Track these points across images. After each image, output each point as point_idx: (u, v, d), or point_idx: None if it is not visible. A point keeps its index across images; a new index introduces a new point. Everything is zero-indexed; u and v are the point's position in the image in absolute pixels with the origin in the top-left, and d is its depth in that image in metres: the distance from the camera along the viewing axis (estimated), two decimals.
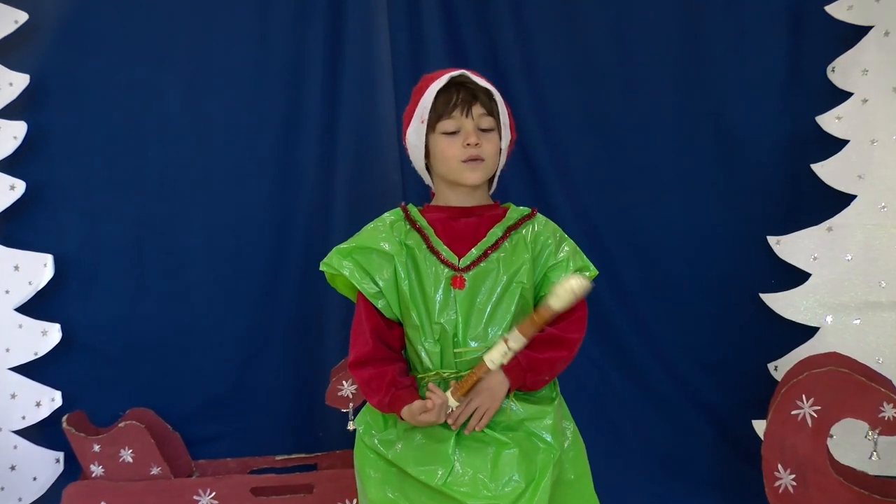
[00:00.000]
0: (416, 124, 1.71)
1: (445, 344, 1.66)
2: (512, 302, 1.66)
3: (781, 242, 2.75)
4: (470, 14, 2.85)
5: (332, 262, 1.72)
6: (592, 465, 1.77)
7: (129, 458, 2.47)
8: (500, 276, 1.67)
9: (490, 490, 1.56)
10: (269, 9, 2.83)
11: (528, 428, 1.65)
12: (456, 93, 1.67)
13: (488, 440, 1.63)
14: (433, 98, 1.67)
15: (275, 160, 2.88)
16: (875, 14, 2.64)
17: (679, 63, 2.86)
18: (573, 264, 1.71)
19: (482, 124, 1.68)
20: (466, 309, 1.65)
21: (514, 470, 1.59)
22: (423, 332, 1.67)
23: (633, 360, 2.94)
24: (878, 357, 2.62)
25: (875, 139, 2.66)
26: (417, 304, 1.67)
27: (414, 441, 1.64)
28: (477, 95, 1.67)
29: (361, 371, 1.68)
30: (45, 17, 2.76)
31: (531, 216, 1.76)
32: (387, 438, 1.67)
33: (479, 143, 1.67)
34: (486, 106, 1.68)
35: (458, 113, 1.67)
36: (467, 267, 1.68)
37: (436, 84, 1.67)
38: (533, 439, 1.63)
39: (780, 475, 2.28)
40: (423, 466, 1.60)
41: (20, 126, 2.70)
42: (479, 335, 1.66)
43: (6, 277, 2.71)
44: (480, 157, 1.68)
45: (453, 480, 1.58)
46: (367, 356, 1.68)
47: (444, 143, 1.68)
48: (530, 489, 1.57)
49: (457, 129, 1.67)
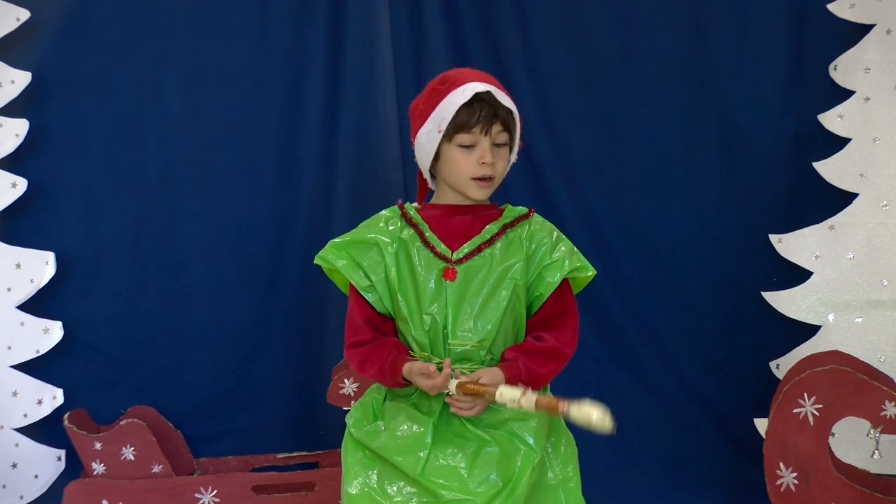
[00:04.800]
0: (430, 129, 1.68)
1: (435, 335, 1.66)
2: (503, 298, 1.66)
3: (783, 241, 2.75)
4: (472, 13, 2.84)
5: (327, 256, 1.72)
6: (594, 463, 1.77)
7: (131, 456, 2.48)
8: (493, 271, 1.67)
9: (466, 485, 1.56)
10: (270, 6, 2.83)
11: (511, 428, 1.64)
12: (479, 109, 1.64)
13: (470, 436, 1.63)
14: (455, 111, 1.65)
15: (275, 158, 2.88)
16: (877, 12, 2.64)
17: (682, 61, 2.86)
18: (569, 264, 1.70)
19: (498, 140, 1.68)
20: (457, 301, 1.65)
21: (493, 469, 1.59)
22: (412, 323, 1.67)
23: (635, 358, 2.94)
24: (880, 355, 2.62)
25: (877, 137, 2.66)
26: (407, 295, 1.67)
27: (396, 431, 1.64)
28: (498, 113, 1.66)
29: (358, 349, 1.70)
30: (47, 15, 2.75)
31: (528, 216, 1.75)
32: (373, 430, 1.68)
33: (494, 161, 1.66)
34: (504, 123, 1.67)
35: (477, 130, 1.65)
36: (460, 260, 1.68)
37: (459, 96, 1.64)
38: (515, 440, 1.63)
39: (781, 473, 2.28)
40: (402, 456, 1.60)
41: (22, 124, 2.70)
42: (469, 328, 1.65)
43: (8, 275, 2.71)
44: (492, 177, 1.68)
45: (431, 471, 1.58)
46: (363, 341, 1.69)
47: (457, 155, 1.67)
48: (507, 490, 1.56)
49: (472, 143, 1.66)
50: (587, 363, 2.89)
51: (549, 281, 1.68)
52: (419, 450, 1.60)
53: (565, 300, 1.72)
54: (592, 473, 1.80)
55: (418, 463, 1.58)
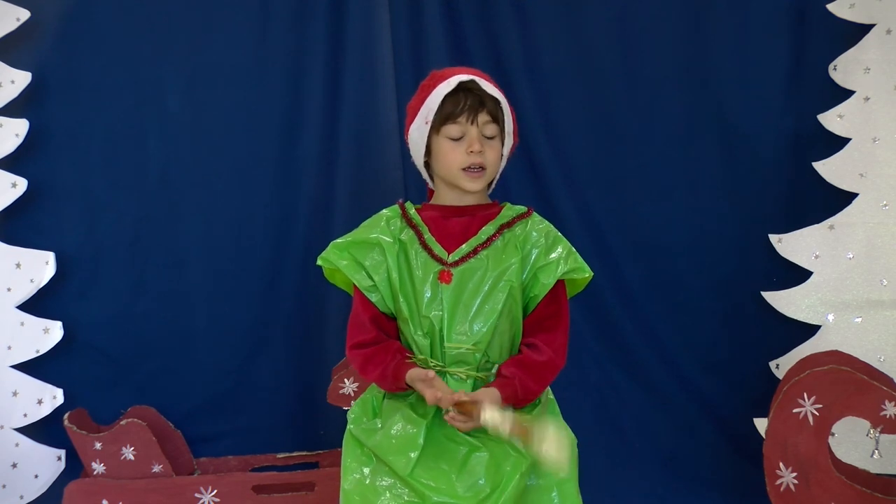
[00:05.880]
0: (419, 123, 1.70)
1: (434, 337, 1.66)
2: (499, 300, 1.66)
3: (783, 240, 2.75)
4: (472, 11, 2.84)
5: (329, 257, 1.73)
6: (594, 463, 1.77)
7: (131, 456, 2.47)
8: (489, 274, 1.67)
9: (455, 489, 1.56)
10: (270, 6, 2.82)
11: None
12: (464, 98, 1.66)
13: (460, 440, 1.63)
14: (440, 101, 1.66)
15: (275, 158, 2.88)
16: (877, 12, 2.64)
17: (681, 61, 2.85)
18: (565, 265, 1.69)
19: (486, 132, 1.68)
20: (452, 304, 1.66)
21: (482, 474, 1.58)
22: (412, 324, 1.68)
23: (635, 358, 2.94)
24: (880, 355, 2.62)
25: (877, 137, 2.66)
26: (408, 297, 1.68)
27: (391, 430, 1.64)
28: (484, 102, 1.66)
29: (361, 351, 1.70)
30: (47, 15, 2.75)
31: (526, 215, 1.75)
32: (369, 428, 1.68)
33: (483, 150, 1.66)
34: (491, 113, 1.67)
35: (463, 119, 1.66)
36: (455, 262, 1.68)
37: (444, 87, 1.66)
38: (505, 446, 1.62)
39: (781, 473, 2.28)
40: (394, 455, 1.60)
41: (22, 124, 2.70)
42: (465, 330, 1.66)
43: (8, 275, 2.71)
44: (482, 166, 1.68)
45: (421, 472, 1.58)
46: (367, 341, 1.69)
47: (446, 148, 1.68)
48: (494, 495, 1.56)
49: (461, 134, 1.67)
50: (587, 363, 2.89)
51: (543, 282, 1.68)
52: (410, 450, 1.60)
53: (559, 301, 1.72)
54: (592, 473, 1.80)
55: (409, 463, 1.58)
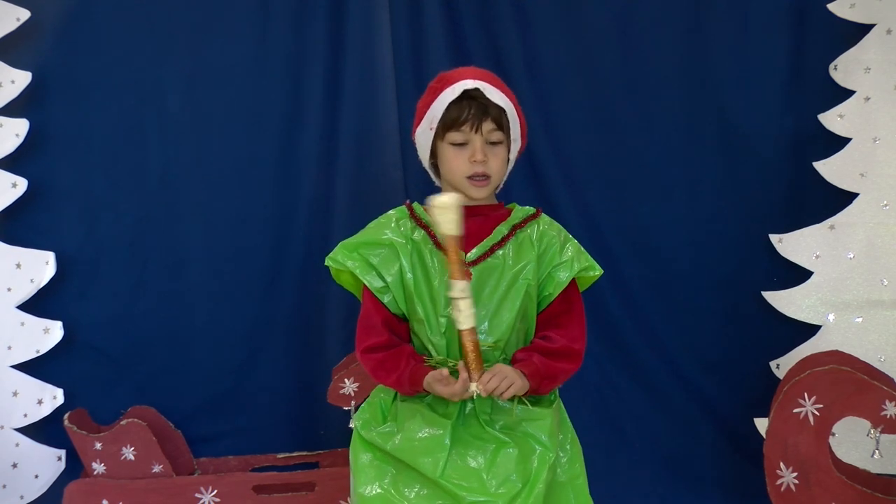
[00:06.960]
0: (424, 127, 1.70)
1: (452, 337, 1.66)
2: (517, 298, 1.67)
3: (783, 240, 2.75)
4: (472, 11, 2.84)
5: (338, 258, 1.71)
6: (594, 463, 1.77)
7: (131, 456, 2.48)
8: (506, 273, 1.67)
9: (487, 487, 1.57)
10: (270, 6, 2.82)
11: (526, 429, 1.65)
12: (468, 107, 1.65)
13: (488, 438, 1.63)
14: (444, 108, 1.66)
15: (275, 158, 2.87)
16: (877, 12, 2.64)
17: (682, 61, 2.85)
18: (578, 264, 1.71)
19: (491, 138, 1.68)
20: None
21: (513, 470, 1.59)
22: (428, 325, 1.67)
23: (635, 358, 2.93)
24: (881, 355, 2.62)
25: (877, 137, 2.66)
26: (423, 298, 1.67)
27: (414, 433, 1.64)
28: (488, 111, 1.66)
29: (373, 355, 1.68)
30: (47, 15, 2.75)
31: (536, 216, 1.76)
32: (385, 431, 1.68)
33: (486, 159, 1.66)
34: (496, 121, 1.67)
35: (467, 128, 1.66)
36: (473, 262, 1.68)
37: (449, 94, 1.66)
38: (530, 441, 1.63)
39: (782, 473, 2.28)
40: (422, 457, 1.60)
41: (22, 123, 2.70)
42: (485, 329, 1.66)
43: (8, 275, 2.71)
44: (487, 175, 1.68)
45: (451, 473, 1.58)
46: (379, 345, 1.68)
47: (450, 154, 1.68)
48: (526, 490, 1.57)
49: (465, 141, 1.67)
50: (587, 363, 2.85)
51: (558, 280, 1.69)
52: (438, 452, 1.60)
53: (571, 299, 1.74)
54: (592, 473, 1.80)
55: (438, 465, 1.58)
